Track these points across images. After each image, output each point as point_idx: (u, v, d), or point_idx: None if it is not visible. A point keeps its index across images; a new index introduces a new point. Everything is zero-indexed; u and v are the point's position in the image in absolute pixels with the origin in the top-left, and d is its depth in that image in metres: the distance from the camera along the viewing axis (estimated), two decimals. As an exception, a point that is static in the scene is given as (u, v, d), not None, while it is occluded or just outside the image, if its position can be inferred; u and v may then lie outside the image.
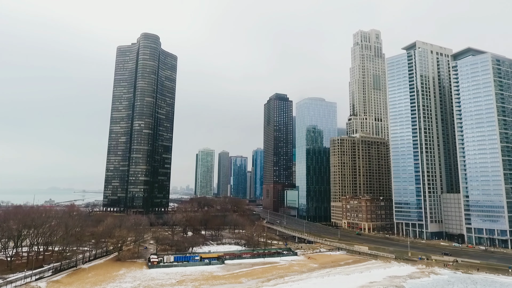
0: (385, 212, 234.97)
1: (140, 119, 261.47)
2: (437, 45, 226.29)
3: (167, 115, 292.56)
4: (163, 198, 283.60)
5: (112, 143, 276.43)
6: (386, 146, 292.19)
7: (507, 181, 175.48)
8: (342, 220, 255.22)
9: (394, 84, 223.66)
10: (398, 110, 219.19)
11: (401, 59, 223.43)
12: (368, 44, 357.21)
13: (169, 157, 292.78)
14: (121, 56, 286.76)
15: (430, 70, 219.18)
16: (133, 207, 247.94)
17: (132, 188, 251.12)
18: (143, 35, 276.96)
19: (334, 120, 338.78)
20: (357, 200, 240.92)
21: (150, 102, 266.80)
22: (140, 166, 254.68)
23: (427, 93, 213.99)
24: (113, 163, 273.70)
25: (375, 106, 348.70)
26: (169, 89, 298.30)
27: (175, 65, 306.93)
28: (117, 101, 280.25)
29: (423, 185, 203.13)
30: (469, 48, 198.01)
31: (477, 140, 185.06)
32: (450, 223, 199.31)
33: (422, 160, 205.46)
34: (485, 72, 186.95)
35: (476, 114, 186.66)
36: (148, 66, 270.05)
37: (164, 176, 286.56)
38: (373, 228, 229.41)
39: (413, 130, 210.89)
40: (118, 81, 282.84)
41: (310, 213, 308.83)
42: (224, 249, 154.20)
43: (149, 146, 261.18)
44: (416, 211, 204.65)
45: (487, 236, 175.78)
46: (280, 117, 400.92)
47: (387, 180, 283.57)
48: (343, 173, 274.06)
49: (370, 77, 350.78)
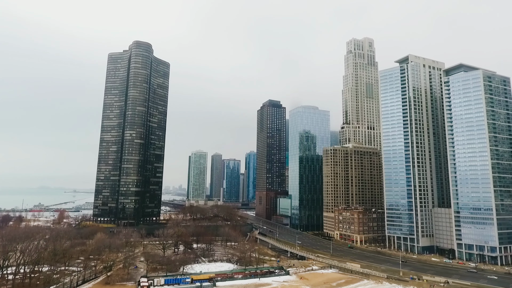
0: (377, 224, 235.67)
1: (131, 129, 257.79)
2: (430, 59, 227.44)
3: (159, 123, 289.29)
4: (155, 208, 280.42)
5: (103, 152, 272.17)
6: (378, 156, 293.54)
7: (497, 198, 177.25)
8: (334, 231, 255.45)
9: (387, 97, 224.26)
10: (391, 123, 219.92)
11: (394, 72, 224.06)
12: (361, 52, 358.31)
13: (161, 166, 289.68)
14: (112, 63, 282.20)
15: (423, 84, 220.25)
16: (123, 218, 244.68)
17: (122, 199, 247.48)
18: (135, 43, 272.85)
19: (327, 128, 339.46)
20: (349, 212, 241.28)
21: (142, 112, 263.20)
22: (131, 177, 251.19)
23: (419, 107, 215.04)
24: (104, 173, 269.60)
25: (368, 115, 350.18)
26: (162, 96, 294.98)
27: (167, 73, 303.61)
28: (108, 109, 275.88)
29: (415, 199, 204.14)
30: (461, 64, 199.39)
31: (468, 157, 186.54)
32: (441, 237, 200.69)
33: (414, 174, 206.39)
34: (477, 89, 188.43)
35: (467, 130, 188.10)
36: (140, 74, 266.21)
37: (156, 185, 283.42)
38: (365, 241, 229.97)
39: (405, 144, 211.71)
40: (109, 89, 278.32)
41: (303, 222, 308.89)
42: (216, 268, 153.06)
43: (141, 156, 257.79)
44: (407, 225, 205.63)
45: (477, 253, 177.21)
46: (273, 124, 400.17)
47: (379, 190, 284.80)
48: (336, 183, 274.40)
49: (363, 85, 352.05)
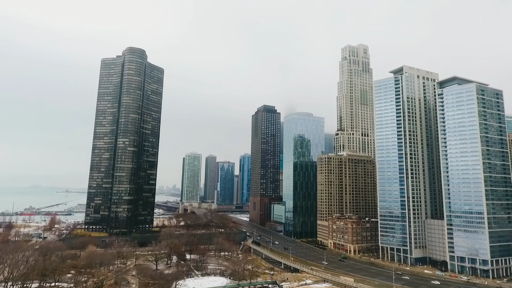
0: (370, 234, 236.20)
1: (124, 136, 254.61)
2: (424, 70, 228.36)
3: (152, 129, 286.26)
4: (148, 215, 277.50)
5: (95, 159, 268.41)
6: (372, 164, 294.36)
7: (490, 211, 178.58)
8: (328, 240, 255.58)
9: (381, 107, 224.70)
10: (385, 134, 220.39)
11: (389, 83, 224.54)
12: (356, 59, 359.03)
13: (154, 173, 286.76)
14: (105, 69, 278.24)
15: (417, 94, 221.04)
16: (116, 227, 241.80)
17: (115, 208, 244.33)
18: (128, 49, 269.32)
19: (322, 135, 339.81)
20: (343, 221, 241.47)
21: (135, 119, 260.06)
22: (123, 185, 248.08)
23: (413, 118, 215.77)
24: (96, 180, 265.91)
25: (362, 121, 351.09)
26: (155, 103, 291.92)
27: (161, 78, 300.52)
28: (101, 115, 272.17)
29: (408, 210, 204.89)
30: (454, 77, 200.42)
31: (461, 169, 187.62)
32: (434, 249, 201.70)
33: (408, 185, 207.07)
34: (470, 102, 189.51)
35: (460, 143, 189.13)
36: (133, 81, 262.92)
37: (149, 192, 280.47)
38: (358, 250, 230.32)
39: (399, 155, 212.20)
40: (102, 95, 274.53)
41: (297, 229, 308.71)
42: (209, 283, 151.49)
43: (134, 164, 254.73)
44: (401, 236, 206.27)
45: (470, 265, 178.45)
46: (268, 129, 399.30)
47: (372, 198, 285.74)
48: (330, 192, 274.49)
49: (357, 92, 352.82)
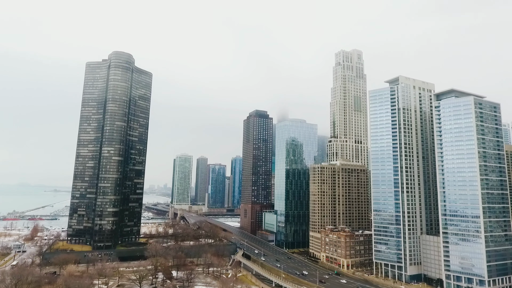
0: (364, 247, 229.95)
1: (109, 145, 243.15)
2: (420, 80, 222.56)
3: (140, 137, 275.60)
4: (134, 226, 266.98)
5: (79, 167, 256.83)
6: (365, 173, 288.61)
7: (487, 229, 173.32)
8: (320, 252, 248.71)
9: (376, 118, 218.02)
10: (379, 146, 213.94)
11: (384, 93, 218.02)
12: (350, 64, 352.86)
13: (141, 181, 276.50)
14: (90, 73, 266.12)
15: (412, 106, 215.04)
16: (100, 241, 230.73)
17: (98, 221, 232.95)
18: (114, 53, 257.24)
19: (315, 142, 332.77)
20: (336, 234, 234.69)
21: (121, 127, 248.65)
22: (108, 196, 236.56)
23: (409, 130, 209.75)
24: (80, 190, 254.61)
25: (356, 128, 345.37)
26: (143, 109, 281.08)
27: (149, 83, 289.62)
28: (85, 122, 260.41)
29: (403, 226, 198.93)
30: (452, 90, 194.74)
31: (458, 185, 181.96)
32: (429, 266, 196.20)
33: (403, 199, 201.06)
34: (468, 116, 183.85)
35: (457, 158, 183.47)
36: (119, 87, 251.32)
37: (136, 202, 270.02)
38: (352, 265, 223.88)
39: (394, 168, 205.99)
40: (87, 100, 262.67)
41: (288, 239, 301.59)
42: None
43: (119, 174, 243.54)
44: (395, 252, 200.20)
45: (466, 285, 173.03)
46: (260, 135, 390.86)
47: (366, 209, 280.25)
48: (323, 203, 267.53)
49: (351, 98, 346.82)
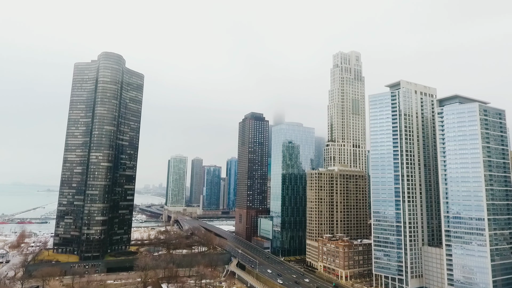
0: (363, 258, 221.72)
1: (97, 151, 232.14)
2: (421, 85, 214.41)
3: (130, 141, 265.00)
4: (124, 234, 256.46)
5: (66, 173, 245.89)
6: (364, 179, 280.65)
7: (492, 242, 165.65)
8: (318, 262, 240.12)
9: (377, 124, 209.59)
10: (380, 153, 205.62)
11: (385, 97, 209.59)
12: (348, 66, 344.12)
13: (132, 187, 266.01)
14: (78, 75, 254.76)
15: (414, 111, 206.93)
16: (87, 251, 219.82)
17: (86, 230, 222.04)
18: (103, 54, 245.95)
19: (312, 146, 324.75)
20: (334, 244, 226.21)
21: (110, 131, 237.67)
22: (96, 205, 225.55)
23: (410, 136, 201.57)
24: (67, 197, 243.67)
25: (354, 132, 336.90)
26: (134, 111, 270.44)
27: (141, 85, 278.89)
28: (73, 125, 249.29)
29: (405, 237, 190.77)
30: (456, 95, 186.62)
31: (462, 196, 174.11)
32: (431, 279, 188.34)
33: (404, 209, 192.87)
34: (472, 123, 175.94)
35: (462, 167, 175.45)
36: (108, 90, 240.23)
37: (126, 209, 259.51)
38: (350, 276, 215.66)
39: (395, 177, 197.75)
40: (75, 103, 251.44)
41: (285, 246, 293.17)
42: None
43: (108, 180, 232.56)
44: (396, 264, 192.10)
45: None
46: (256, 138, 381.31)
47: (364, 217, 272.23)
48: (320, 210, 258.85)
49: (349, 101, 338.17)
